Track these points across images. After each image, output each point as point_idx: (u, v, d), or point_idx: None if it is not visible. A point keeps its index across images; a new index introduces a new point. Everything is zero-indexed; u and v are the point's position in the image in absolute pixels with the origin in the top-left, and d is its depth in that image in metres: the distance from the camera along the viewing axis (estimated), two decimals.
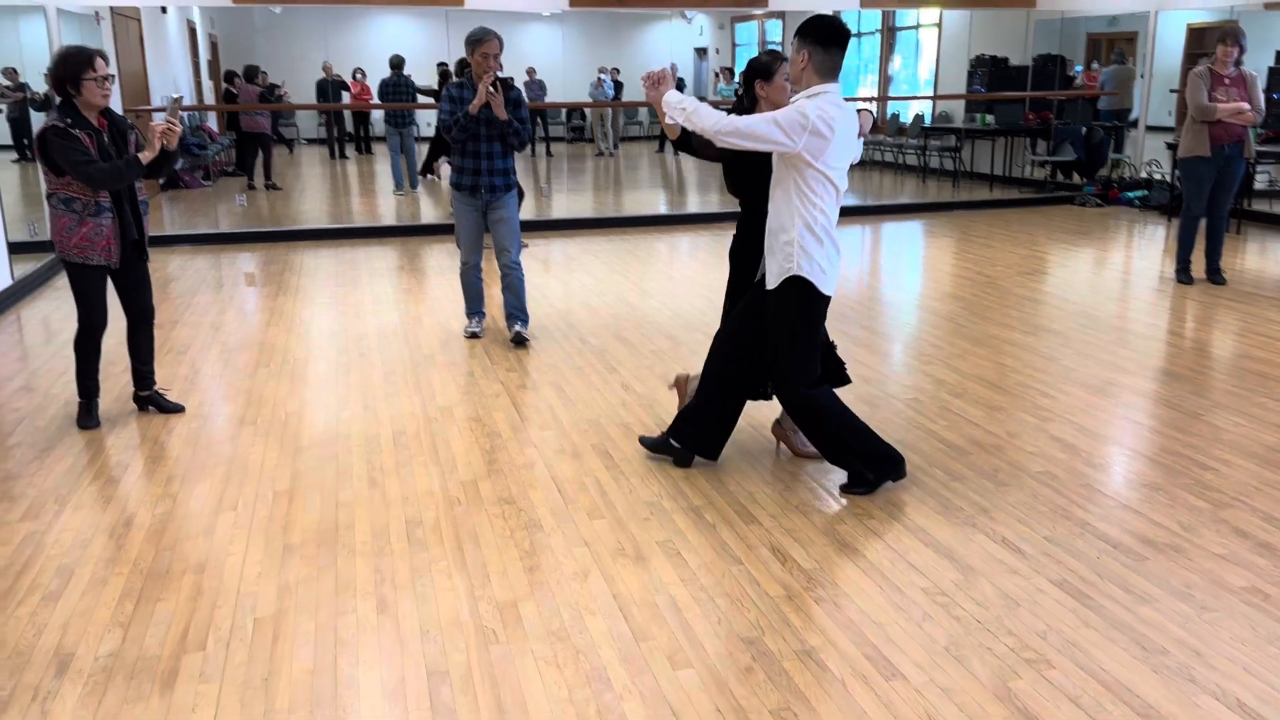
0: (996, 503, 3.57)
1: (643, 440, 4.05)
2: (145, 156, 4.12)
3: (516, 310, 5.70)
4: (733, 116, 3.42)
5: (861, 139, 3.65)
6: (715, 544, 3.29)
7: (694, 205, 11.75)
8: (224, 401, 4.74)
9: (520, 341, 5.64)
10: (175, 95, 4.37)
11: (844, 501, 3.60)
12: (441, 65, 13.54)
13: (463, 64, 6.69)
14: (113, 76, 4.15)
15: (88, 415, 4.43)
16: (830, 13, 3.86)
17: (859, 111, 3.62)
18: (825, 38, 3.38)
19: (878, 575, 3.08)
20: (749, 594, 2.97)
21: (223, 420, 4.49)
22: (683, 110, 3.46)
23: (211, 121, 15.47)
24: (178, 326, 6.06)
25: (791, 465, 3.92)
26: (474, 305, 5.84)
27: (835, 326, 5.92)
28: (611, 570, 3.13)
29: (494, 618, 2.87)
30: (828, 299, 3.57)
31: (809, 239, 3.47)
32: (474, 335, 5.78)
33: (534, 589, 3.02)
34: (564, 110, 18.29)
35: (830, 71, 3.41)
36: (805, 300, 3.53)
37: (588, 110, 17.69)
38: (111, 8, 9.62)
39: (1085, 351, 5.39)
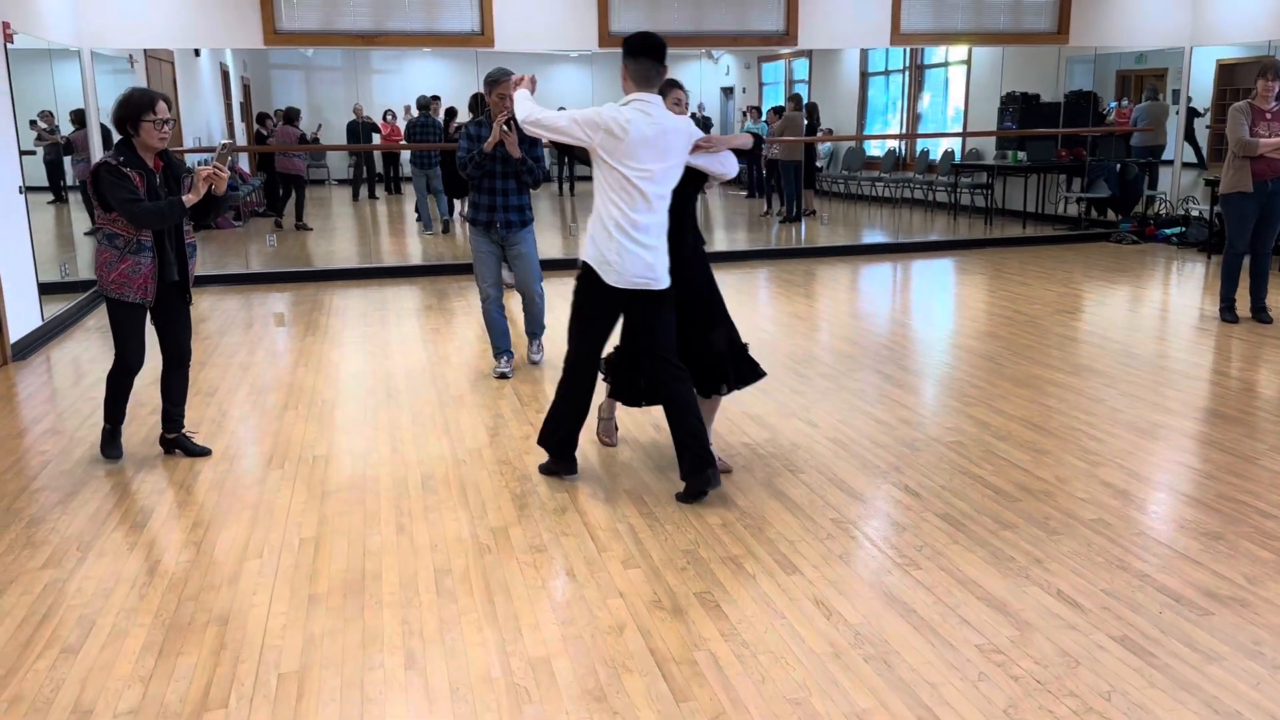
0: (1050, 553, 3.42)
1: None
2: (188, 199, 4.11)
3: (537, 328, 5.99)
4: (540, 109, 3.87)
5: (714, 155, 4.00)
6: (756, 596, 3.15)
7: (721, 243, 11.68)
8: (251, 444, 4.67)
9: (534, 362, 6.02)
10: (226, 140, 4.38)
11: (889, 551, 3.45)
12: (434, 98, 13.61)
13: (477, 101, 6.90)
14: (172, 120, 4.17)
15: (111, 443, 4.44)
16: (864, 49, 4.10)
17: (737, 134, 4.14)
18: (636, 51, 3.75)
19: (929, 631, 2.93)
20: (793, 651, 2.83)
21: (250, 463, 4.41)
22: (517, 103, 3.98)
23: (244, 163, 15.60)
24: (206, 367, 6.02)
25: (832, 513, 3.78)
26: (500, 343, 5.79)
27: (872, 365, 5.80)
28: (648, 624, 3.00)
29: (526, 675, 2.74)
30: (613, 291, 3.81)
31: (599, 230, 3.80)
32: (503, 376, 5.71)
33: (567, 644, 2.90)
34: None
35: (644, 80, 3.77)
36: (586, 283, 3.88)
37: None
38: (145, 51, 9.71)
39: (1131, 392, 5.23)
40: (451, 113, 12.83)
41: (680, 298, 3.93)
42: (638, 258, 3.74)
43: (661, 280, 3.80)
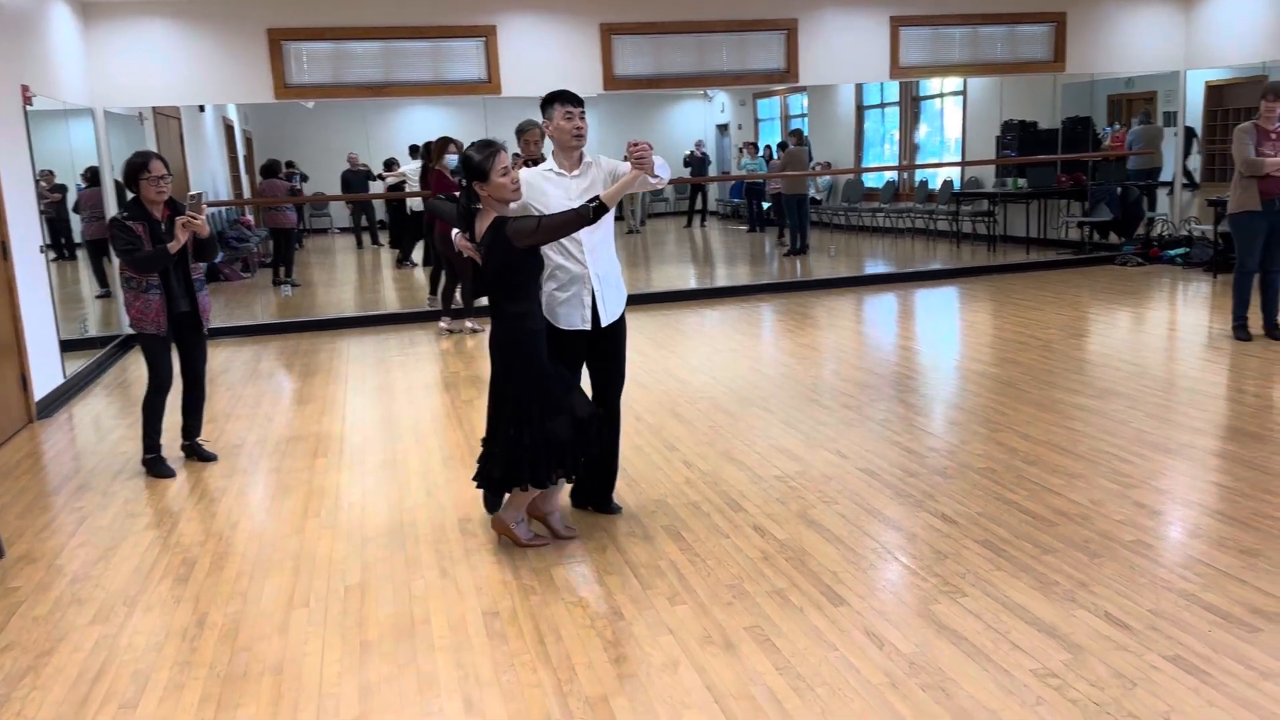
0: (1093, 576, 3.44)
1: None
2: (172, 247, 4.72)
3: None
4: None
5: None
6: (806, 629, 3.17)
7: (723, 279, 11.76)
8: (285, 494, 4.69)
9: None
10: (194, 192, 4.83)
11: (933, 580, 3.47)
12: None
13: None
14: (168, 177, 4.77)
15: (162, 465, 5.00)
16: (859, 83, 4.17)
17: None
18: None
19: (982, 658, 2.94)
20: (850, 683, 2.85)
21: (286, 514, 4.43)
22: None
23: (250, 215, 15.68)
24: (232, 419, 6.05)
25: (872, 543, 3.81)
26: None
27: (893, 394, 5.84)
28: (701, 660, 3.01)
29: (586, 715, 2.75)
30: None
31: None
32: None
33: (623, 682, 2.91)
34: None
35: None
36: None
37: None
38: (154, 108, 9.84)
39: (1154, 413, 5.27)
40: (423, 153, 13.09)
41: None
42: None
43: None
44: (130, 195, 4.80)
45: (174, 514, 4.47)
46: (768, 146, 16.90)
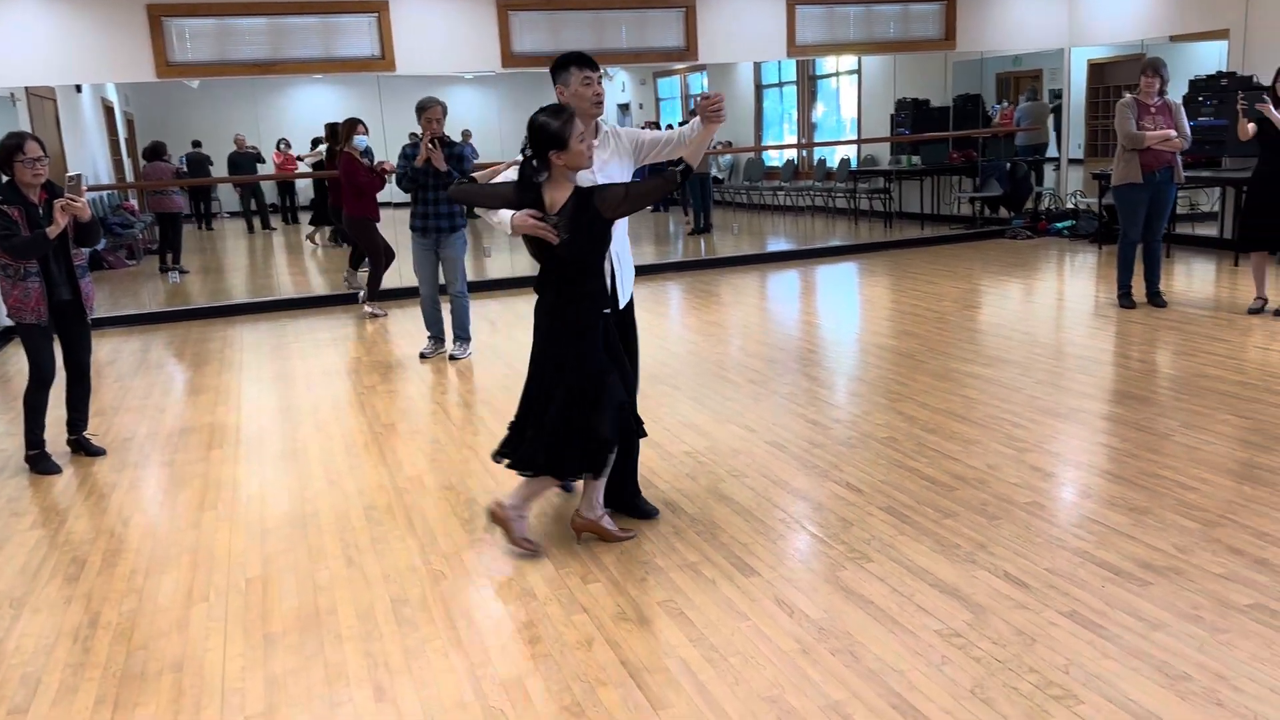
0: (992, 537, 3.54)
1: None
2: (51, 231, 4.51)
3: (459, 330, 6.67)
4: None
5: None
6: (718, 600, 3.19)
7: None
8: (179, 488, 4.52)
9: (454, 359, 6.63)
10: (73, 174, 4.68)
11: (840, 547, 3.53)
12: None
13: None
14: (45, 159, 4.59)
15: (44, 460, 4.81)
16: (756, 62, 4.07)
17: None
18: None
19: (888, 620, 3.00)
20: (761, 650, 2.88)
21: (181, 507, 4.27)
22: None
23: (133, 200, 15.05)
24: (120, 412, 5.80)
25: (780, 513, 3.85)
26: (432, 330, 6.75)
27: (797, 368, 5.92)
28: (615, 636, 3.01)
29: (500, 697, 2.72)
30: None
31: None
32: (423, 355, 6.72)
33: (537, 662, 2.89)
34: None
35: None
36: None
37: None
38: (27, 88, 9.34)
39: (1046, 380, 5.45)
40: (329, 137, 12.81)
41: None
42: None
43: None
44: (4, 179, 4.60)
45: (61, 511, 4.28)
46: (669, 126, 16.92)
